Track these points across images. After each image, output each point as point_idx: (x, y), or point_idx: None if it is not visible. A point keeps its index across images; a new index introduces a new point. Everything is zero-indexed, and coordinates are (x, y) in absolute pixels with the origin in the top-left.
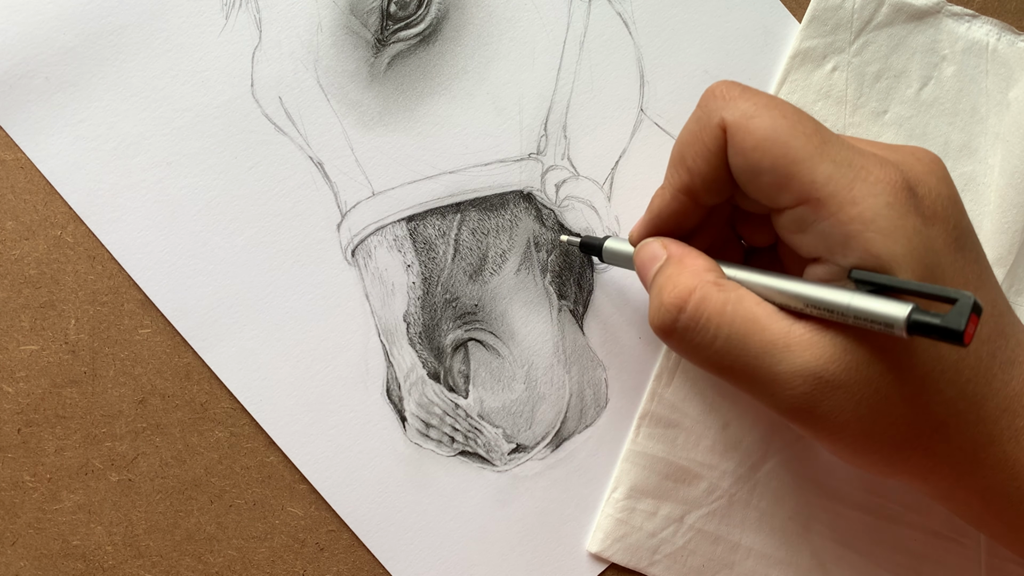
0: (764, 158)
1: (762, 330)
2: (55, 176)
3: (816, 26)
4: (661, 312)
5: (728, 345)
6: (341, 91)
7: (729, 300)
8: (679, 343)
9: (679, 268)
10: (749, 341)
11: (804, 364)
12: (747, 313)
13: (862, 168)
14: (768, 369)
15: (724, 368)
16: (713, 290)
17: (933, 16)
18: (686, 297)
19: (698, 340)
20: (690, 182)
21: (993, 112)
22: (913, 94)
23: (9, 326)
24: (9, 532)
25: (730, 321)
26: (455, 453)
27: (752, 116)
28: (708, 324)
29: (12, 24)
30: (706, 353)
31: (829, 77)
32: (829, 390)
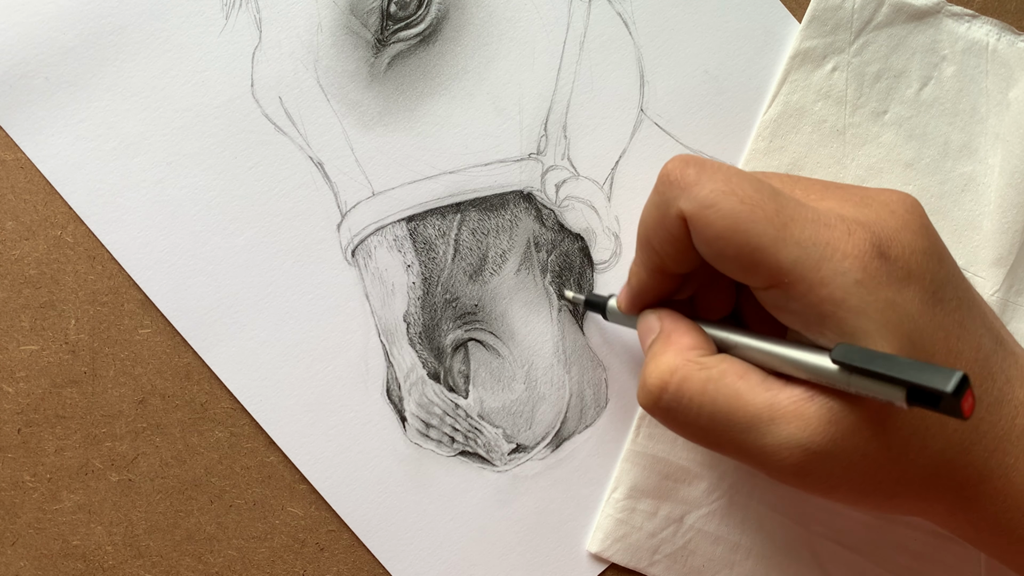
0: (727, 247)
1: (745, 405)
2: (55, 176)
3: (816, 26)
4: (644, 392)
5: (712, 422)
6: (341, 91)
7: (711, 379)
8: (664, 420)
9: (664, 346)
10: (733, 417)
11: (790, 436)
12: (728, 390)
13: (827, 246)
14: (755, 442)
15: (712, 443)
16: (694, 370)
17: (933, 16)
18: (667, 379)
19: (681, 419)
20: (660, 262)
21: (993, 112)
22: (913, 94)
23: (9, 326)
24: (9, 532)
25: (712, 400)
26: (455, 453)
27: (709, 206)
28: (690, 404)
29: (12, 24)
30: (692, 429)
31: (829, 77)
32: (818, 460)
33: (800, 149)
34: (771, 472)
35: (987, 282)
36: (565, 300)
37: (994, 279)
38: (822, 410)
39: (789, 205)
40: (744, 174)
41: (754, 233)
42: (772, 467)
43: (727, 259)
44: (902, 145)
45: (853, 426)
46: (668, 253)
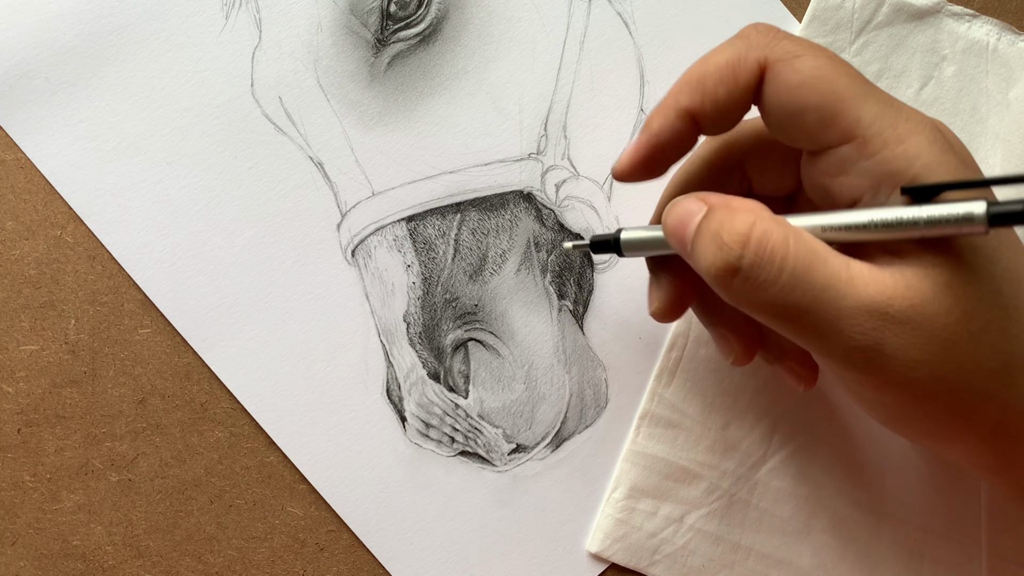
0: (811, 95)
1: (824, 263)
2: (55, 176)
3: (816, 26)
4: (723, 252)
5: (793, 280)
6: (341, 91)
7: (790, 234)
8: (743, 284)
9: (729, 212)
10: (813, 275)
11: (870, 299)
12: (809, 247)
13: (902, 109)
14: (833, 305)
15: (787, 308)
16: (772, 224)
17: (933, 16)
18: (747, 232)
19: (764, 277)
20: (702, 106)
21: (993, 112)
22: (913, 94)
23: (9, 326)
24: (9, 532)
25: (794, 254)
26: (455, 453)
27: (798, 55)
28: (773, 257)
29: (12, 24)
30: (771, 292)
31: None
32: (896, 326)
33: None
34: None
35: None
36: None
37: None
38: (897, 276)
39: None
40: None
41: (840, 85)
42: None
43: (807, 109)
44: None
45: (931, 292)
46: (718, 97)
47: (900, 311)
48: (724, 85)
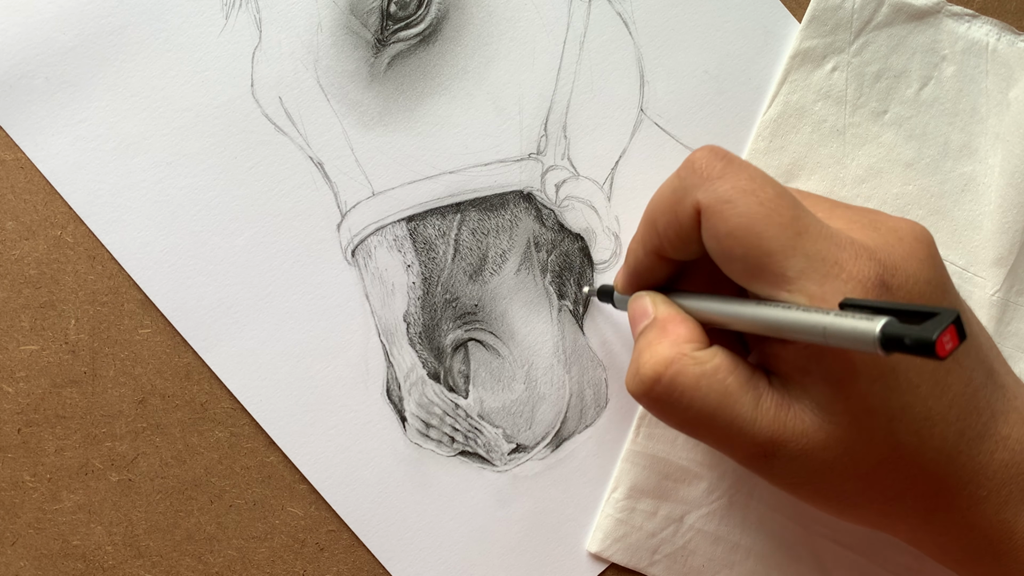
0: (736, 246)
1: (732, 405)
2: (55, 176)
3: (816, 26)
4: (637, 380)
5: (698, 417)
6: (341, 91)
7: (704, 375)
8: (651, 408)
9: (660, 335)
10: (718, 415)
11: (765, 438)
12: (720, 387)
13: (835, 264)
14: (735, 438)
15: (690, 432)
16: (689, 364)
17: (933, 16)
18: (661, 371)
19: (670, 410)
20: (660, 246)
21: (993, 112)
22: (913, 94)
23: (9, 326)
24: (9, 532)
25: (703, 396)
26: (455, 453)
27: (727, 201)
28: (681, 398)
29: (12, 24)
30: (674, 420)
31: (829, 77)
32: (787, 459)
33: (800, 149)
34: (741, 463)
35: (987, 282)
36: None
37: (994, 279)
38: (795, 419)
39: (805, 216)
40: (768, 178)
41: (766, 237)
42: (743, 460)
43: (734, 259)
44: (902, 145)
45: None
46: (670, 239)
47: (791, 451)
48: (672, 228)
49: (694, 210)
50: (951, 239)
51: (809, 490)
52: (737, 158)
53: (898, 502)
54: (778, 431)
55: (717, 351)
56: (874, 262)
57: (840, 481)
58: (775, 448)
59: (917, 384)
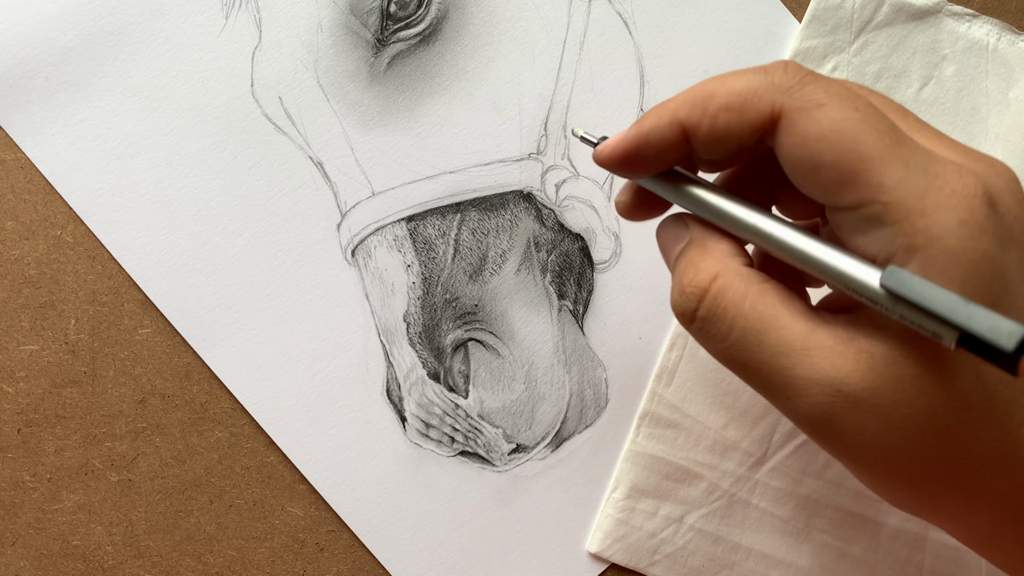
0: (828, 151)
1: (780, 328)
2: (55, 176)
3: (816, 26)
4: (682, 299)
5: (742, 340)
6: (341, 91)
7: (750, 293)
8: (697, 332)
9: (701, 252)
10: (764, 339)
11: (824, 372)
12: (767, 309)
13: (937, 176)
14: (783, 372)
15: (738, 364)
16: (735, 280)
17: (933, 16)
18: (707, 285)
19: (713, 331)
20: (699, 125)
21: (994, 112)
22: (913, 94)
23: (9, 326)
24: (9, 532)
25: (746, 315)
26: (455, 453)
27: (821, 104)
28: (724, 314)
29: (12, 24)
30: (720, 346)
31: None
32: (849, 405)
33: None
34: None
35: None
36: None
37: None
38: (862, 354)
39: (902, 130)
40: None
41: (864, 142)
42: (797, 405)
43: (822, 166)
44: None
45: (895, 380)
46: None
47: (855, 390)
48: (727, 113)
49: (769, 109)
50: None
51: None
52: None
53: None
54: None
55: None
56: (980, 181)
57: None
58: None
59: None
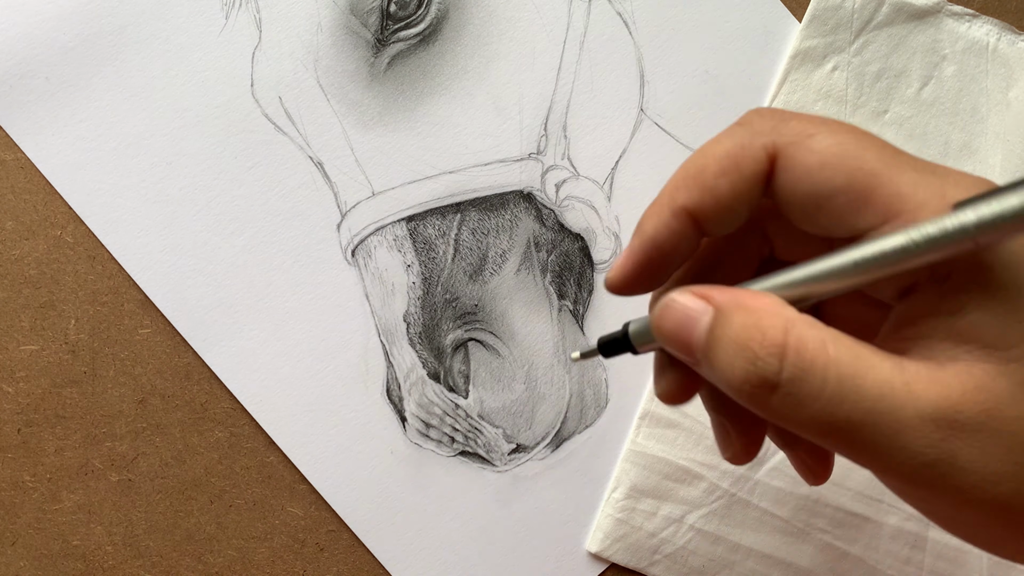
0: (836, 175)
1: (873, 368)
2: (55, 176)
3: (816, 26)
4: (758, 366)
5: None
6: (341, 91)
7: (827, 338)
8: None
9: (750, 314)
10: (864, 384)
11: (933, 405)
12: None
13: (947, 174)
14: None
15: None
16: (806, 328)
17: (933, 16)
18: (782, 341)
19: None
20: (702, 203)
21: (994, 112)
22: (913, 94)
23: (9, 326)
24: (9, 532)
25: (836, 361)
26: (455, 453)
27: (811, 134)
28: (814, 368)
29: (12, 24)
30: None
31: (829, 77)
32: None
33: None
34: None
35: None
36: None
37: None
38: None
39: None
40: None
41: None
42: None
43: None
44: (902, 145)
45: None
46: (721, 192)
47: (972, 417)
48: (726, 177)
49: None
50: None
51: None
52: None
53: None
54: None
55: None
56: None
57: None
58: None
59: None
